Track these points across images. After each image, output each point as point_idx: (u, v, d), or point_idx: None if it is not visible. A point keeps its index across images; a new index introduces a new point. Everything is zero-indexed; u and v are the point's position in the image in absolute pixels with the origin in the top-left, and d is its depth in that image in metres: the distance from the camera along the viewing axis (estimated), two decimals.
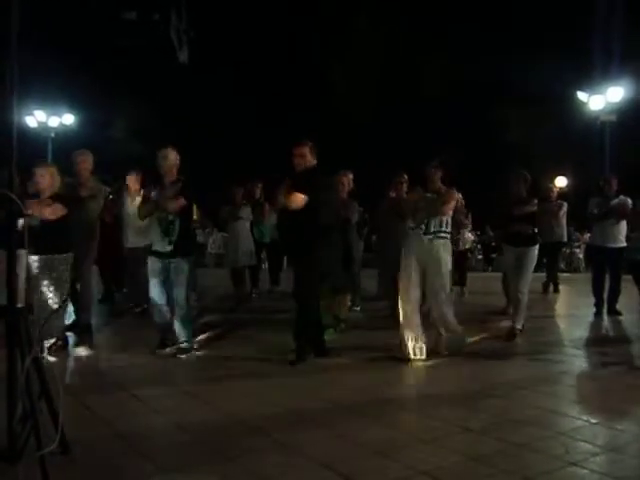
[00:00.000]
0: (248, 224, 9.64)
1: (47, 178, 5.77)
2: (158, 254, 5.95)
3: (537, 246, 6.99)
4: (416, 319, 5.84)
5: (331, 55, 25.70)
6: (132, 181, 8.40)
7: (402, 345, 5.78)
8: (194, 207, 7.06)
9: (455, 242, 10.98)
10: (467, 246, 11.40)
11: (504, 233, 7.26)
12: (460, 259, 11.33)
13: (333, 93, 25.29)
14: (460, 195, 10.73)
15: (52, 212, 5.60)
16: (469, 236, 11.23)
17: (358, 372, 5.45)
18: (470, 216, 11.09)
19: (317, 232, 5.72)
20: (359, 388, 4.90)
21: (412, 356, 5.73)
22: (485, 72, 24.06)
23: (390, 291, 7.27)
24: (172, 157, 6.06)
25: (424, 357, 5.75)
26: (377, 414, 4.23)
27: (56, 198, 5.72)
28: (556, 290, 11.10)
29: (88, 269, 6.70)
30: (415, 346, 5.76)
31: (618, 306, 8.40)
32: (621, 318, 8.17)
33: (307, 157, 5.83)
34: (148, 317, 6.54)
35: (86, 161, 6.86)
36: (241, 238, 9.42)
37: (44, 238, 5.29)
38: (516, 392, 4.77)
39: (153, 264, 5.98)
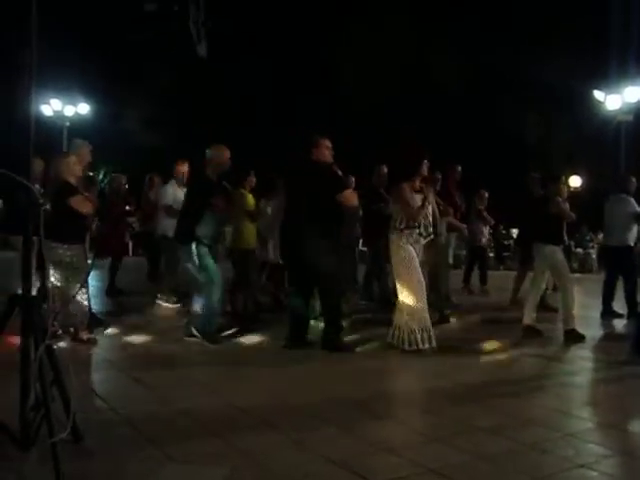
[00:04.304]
0: None
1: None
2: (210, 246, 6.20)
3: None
4: (425, 308, 5.95)
5: (345, 48, 25.61)
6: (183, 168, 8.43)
7: (409, 336, 5.84)
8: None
9: (475, 237, 11.04)
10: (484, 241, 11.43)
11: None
12: (482, 254, 11.38)
13: (347, 90, 25.21)
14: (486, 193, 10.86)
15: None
16: (485, 232, 11.26)
17: (364, 366, 5.48)
18: (486, 213, 11.10)
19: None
20: (367, 384, 4.90)
21: (422, 346, 5.81)
22: (502, 71, 23.93)
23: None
24: None
25: (434, 345, 5.87)
26: (386, 411, 4.24)
27: None
28: None
29: None
30: (424, 336, 5.86)
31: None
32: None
33: None
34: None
35: None
36: None
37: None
38: (525, 392, 4.76)
39: (206, 252, 6.15)
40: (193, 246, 6.04)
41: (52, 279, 5.67)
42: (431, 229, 6.12)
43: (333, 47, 25.43)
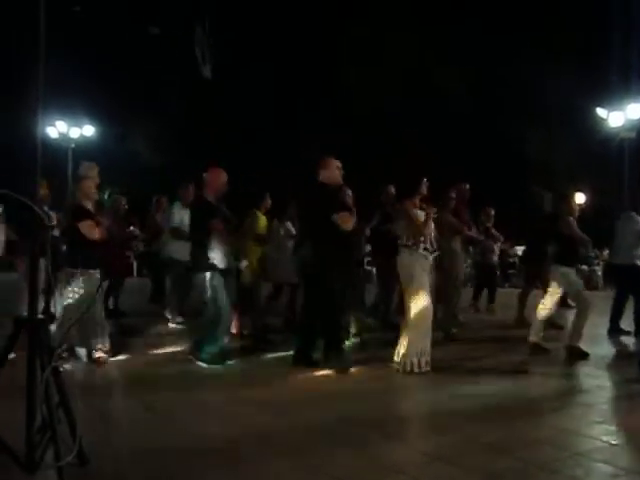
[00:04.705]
0: None
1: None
2: (224, 271, 6.21)
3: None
4: (428, 331, 5.94)
5: (352, 69, 25.80)
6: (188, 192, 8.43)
7: (406, 358, 5.84)
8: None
9: (486, 256, 11.03)
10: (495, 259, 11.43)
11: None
12: (490, 272, 11.35)
13: (354, 111, 25.33)
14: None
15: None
16: (496, 250, 11.25)
17: (369, 386, 5.46)
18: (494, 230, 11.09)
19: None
20: (372, 403, 4.88)
21: (418, 370, 5.80)
22: (504, 88, 24.02)
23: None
24: None
25: (429, 369, 5.85)
26: (393, 430, 4.21)
27: None
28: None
29: None
30: (422, 360, 5.84)
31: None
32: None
33: None
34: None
35: None
36: None
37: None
38: (533, 410, 4.73)
39: (220, 280, 6.14)
40: (207, 276, 6.07)
41: (68, 301, 5.75)
42: (436, 245, 6.14)
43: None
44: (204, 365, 6.02)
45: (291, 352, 6.20)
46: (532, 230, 9.15)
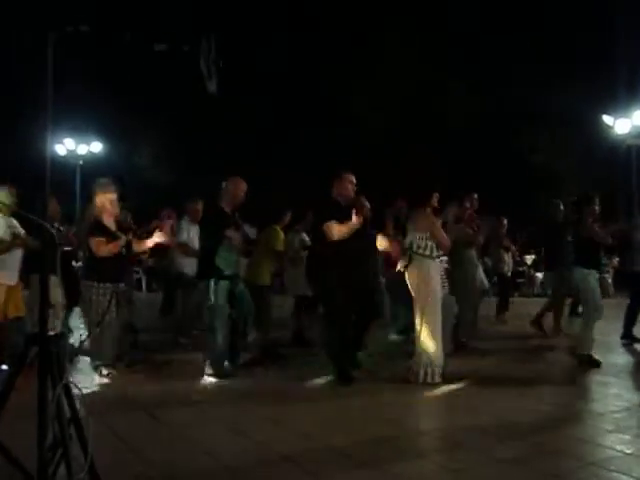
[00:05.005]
0: None
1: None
2: (230, 277, 6.17)
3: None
4: (439, 342, 5.89)
5: (356, 84, 25.88)
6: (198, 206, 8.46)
7: (420, 369, 5.81)
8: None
9: (498, 266, 11.00)
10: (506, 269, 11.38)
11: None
12: (503, 282, 11.30)
13: (358, 126, 25.39)
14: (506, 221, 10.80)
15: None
16: (508, 260, 11.21)
17: (382, 399, 5.41)
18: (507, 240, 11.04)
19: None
20: (385, 417, 4.84)
21: (431, 380, 5.77)
22: (512, 96, 24.03)
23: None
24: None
25: (440, 381, 5.80)
26: (406, 444, 4.18)
27: None
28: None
29: None
30: (435, 371, 5.81)
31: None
32: None
33: None
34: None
35: None
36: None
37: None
38: (548, 420, 4.69)
39: (224, 289, 6.09)
40: (212, 282, 6.06)
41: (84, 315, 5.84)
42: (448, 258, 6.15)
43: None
44: (213, 379, 6.01)
45: (300, 366, 6.18)
46: (549, 238, 9.12)
